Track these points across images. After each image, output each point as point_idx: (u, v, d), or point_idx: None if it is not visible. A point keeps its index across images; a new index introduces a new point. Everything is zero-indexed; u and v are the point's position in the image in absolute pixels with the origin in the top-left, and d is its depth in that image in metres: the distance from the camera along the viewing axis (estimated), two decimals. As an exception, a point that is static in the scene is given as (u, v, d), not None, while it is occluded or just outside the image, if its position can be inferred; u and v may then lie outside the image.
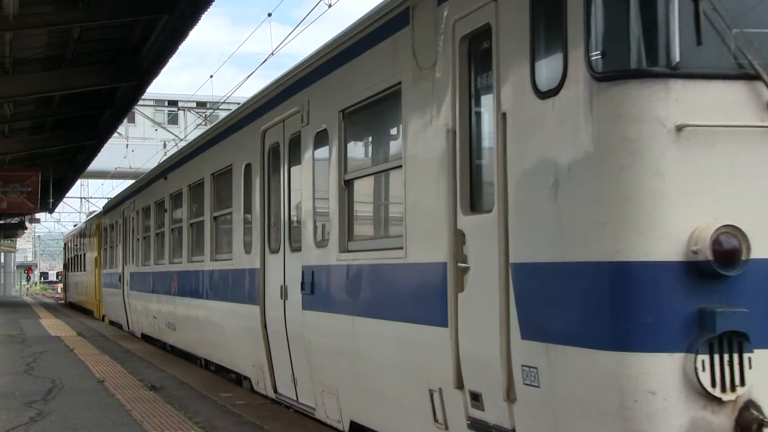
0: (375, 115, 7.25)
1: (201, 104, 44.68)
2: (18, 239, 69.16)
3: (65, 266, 47.15)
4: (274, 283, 9.16)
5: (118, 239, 22.32)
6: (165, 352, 16.59)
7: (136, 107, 25.22)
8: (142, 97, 20.53)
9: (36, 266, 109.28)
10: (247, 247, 10.29)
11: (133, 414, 9.29)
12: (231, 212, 11.15)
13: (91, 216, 36.13)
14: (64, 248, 48.44)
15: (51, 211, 40.18)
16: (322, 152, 7.92)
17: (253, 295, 9.86)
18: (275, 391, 9.48)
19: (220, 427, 8.59)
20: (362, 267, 7.13)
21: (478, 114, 5.55)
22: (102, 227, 26.71)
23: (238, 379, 11.58)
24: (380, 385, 6.92)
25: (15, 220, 45.91)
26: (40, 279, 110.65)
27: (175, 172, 15.02)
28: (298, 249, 8.50)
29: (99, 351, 16.73)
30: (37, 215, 47.88)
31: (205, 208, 12.47)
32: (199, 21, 14.08)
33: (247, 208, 10.38)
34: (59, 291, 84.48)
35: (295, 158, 8.72)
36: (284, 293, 8.84)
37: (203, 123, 37.83)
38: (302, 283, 8.25)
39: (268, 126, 9.49)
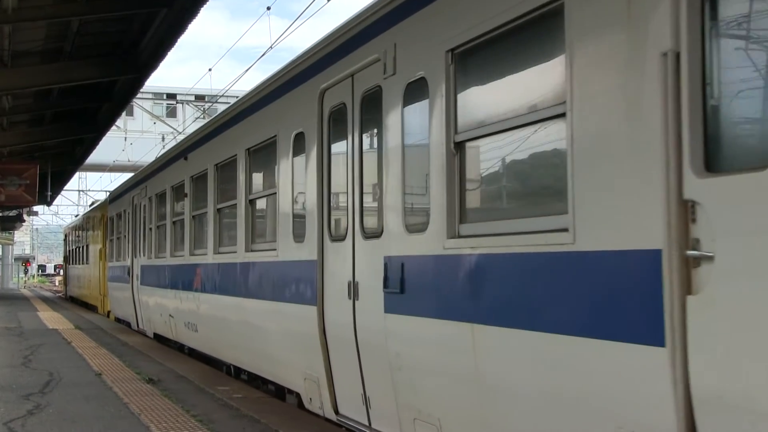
0: (508, 49, 5.35)
1: (199, 97, 44.65)
2: (16, 232, 69.11)
3: (65, 258, 45.05)
4: (338, 279, 7.41)
5: (126, 229, 20.38)
6: (161, 344, 16.58)
7: (134, 100, 25.21)
8: (141, 90, 20.50)
9: (34, 259, 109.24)
10: (298, 235, 8.50)
11: (131, 407, 9.31)
12: (274, 193, 9.34)
13: (94, 205, 34.17)
14: (65, 240, 46.11)
15: (49, 203, 40.17)
16: (418, 109, 6.17)
17: (307, 293, 8.16)
18: (336, 411, 7.76)
19: (217, 420, 8.61)
20: (489, 258, 5.33)
21: (716, 29, 3.86)
22: (107, 217, 24.82)
23: (280, 393, 9.97)
24: (522, 422, 5.04)
25: (13, 213, 45.91)
26: (38, 272, 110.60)
27: (199, 151, 13.14)
28: (376, 235, 6.71)
29: (97, 344, 16.74)
30: (35, 208, 47.91)
31: (239, 191, 10.62)
32: (198, 14, 14.08)
33: (298, 188, 8.58)
34: (57, 284, 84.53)
35: (370, 121, 6.99)
36: (353, 291, 7.09)
37: (202, 116, 37.81)
38: (386, 279, 6.48)
39: (330, 84, 7.70)
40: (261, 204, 10.26)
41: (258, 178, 10.42)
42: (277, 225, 9.14)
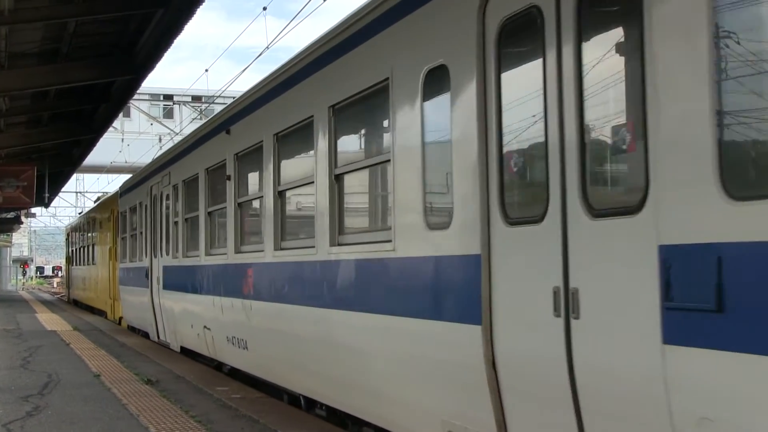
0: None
1: (196, 98, 44.66)
2: (14, 234, 69.03)
3: (68, 259, 41.88)
4: (527, 284, 5.02)
5: (142, 225, 17.70)
6: (160, 347, 16.58)
7: (131, 101, 25.19)
8: (138, 91, 20.48)
9: (32, 261, 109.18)
10: (436, 220, 6.01)
11: (129, 408, 9.31)
12: (384, 161, 6.88)
13: (101, 200, 30.96)
14: (67, 239, 43.48)
15: (47, 205, 40.14)
16: None
17: (455, 304, 5.74)
18: None
19: (216, 420, 8.61)
20: None
21: None
22: (117, 213, 22.41)
23: None
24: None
25: (11, 215, 45.84)
26: (36, 273, 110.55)
27: (248, 121, 10.52)
28: (628, 210, 4.23)
29: (95, 345, 16.73)
30: (33, 210, 47.85)
31: (317, 165, 8.03)
32: (195, 15, 14.06)
33: (433, 151, 6.09)
34: (55, 285, 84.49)
35: (593, 30, 4.60)
36: (567, 305, 4.65)
37: (199, 117, 37.80)
38: (667, 286, 3.98)
39: None
40: (356, 180, 7.83)
41: (349, 144, 8.00)
42: (392, 207, 6.60)
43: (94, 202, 35.75)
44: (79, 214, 42.53)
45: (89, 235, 31.48)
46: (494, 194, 5.31)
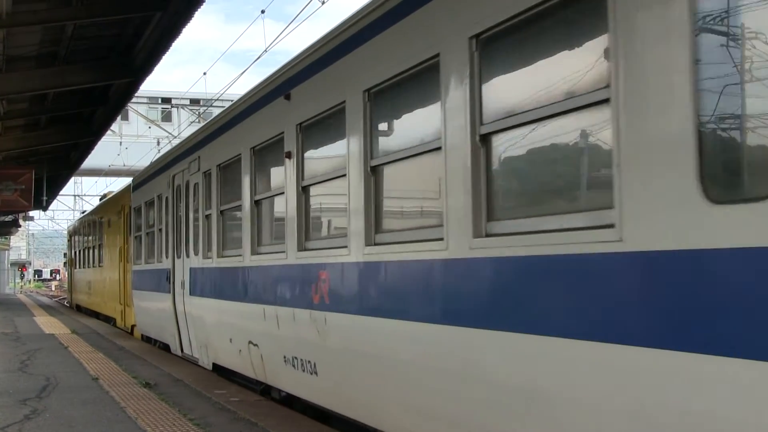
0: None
1: (194, 101, 44.70)
2: (12, 237, 69.02)
3: (70, 261, 38.62)
4: None
5: (162, 221, 15.39)
6: (159, 350, 16.56)
7: (129, 104, 25.20)
8: (136, 94, 20.49)
9: (30, 264, 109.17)
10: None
11: (128, 411, 9.30)
12: (602, 101, 4.40)
13: (108, 197, 27.63)
14: (69, 240, 40.06)
15: (45, 208, 40.15)
16: None
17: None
18: None
19: (214, 423, 8.60)
20: None
21: None
22: (130, 208, 19.97)
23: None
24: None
25: (9, 218, 45.85)
26: (34, 277, 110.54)
27: (321, 78, 7.98)
28: None
29: (93, 348, 16.72)
30: (31, 213, 47.84)
31: (448, 124, 5.69)
32: (193, 18, 14.08)
33: None
34: (53, 288, 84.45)
35: None
36: None
37: (197, 120, 37.81)
38: None
39: None
40: (512, 140, 5.29)
41: (509, 92, 5.35)
42: (618, 173, 4.21)
43: (100, 199, 32.05)
44: (82, 213, 38.79)
45: (95, 234, 28.60)
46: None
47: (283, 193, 8.89)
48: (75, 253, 36.00)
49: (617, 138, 4.20)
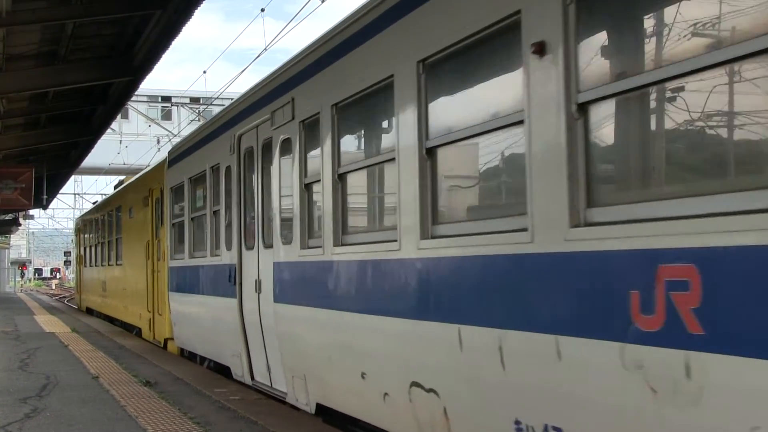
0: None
1: (194, 100, 44.71)
2: (12, 236, 69.04)
3: (79, 259, 33.67)
4: None
5: (220, 199, 11.58)
6: (160, 348, 16.54)
7: (129, 103, 25.18)
8: (136, 92, 20.48)
9: (30, 262, 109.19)
10: None
11: (128, 410, 9.31)
12: None
13: (130, 180, 22.99)
14: (77, 234, 35.10)
15: (45, 207, 40.11)
16: None
17: None
18: None
19: (215, 422, 8.61)
20: None
21: None
22: (163, 190, 15.94)
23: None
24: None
25: (9, 217, 45.85)
26: (35, 275, 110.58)
27: None
28: None
29: (93, 347, 16.72)
30: (31, 212, 47.87)
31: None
32: (193, 16, 14.07)
33: None
34: (53, 287, 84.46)
35: None
36: None
37: (197, 119, 37.83)
38: None
39: None
40: None
41: None
42: None
43: (115, 187, 27.72)
44: (93, 204, 33.55)
45: (111, 227, 24.52)
46: None
47: (522, 123, 4.96)
48: (85, 249, 31.55)
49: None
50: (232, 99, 12.19)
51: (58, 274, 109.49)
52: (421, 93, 6.08)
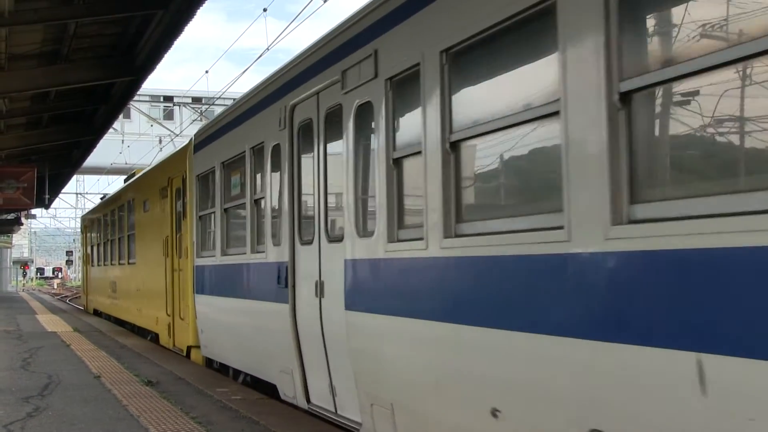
0: None
1: (196, 100, 44.77)
2: (14, 235, 69.10)
3: (86, 257, 31.44)
4: None
5: (263, 185, 9.73)
6: (161, 348, 16.55)
7: (131, 103, 25.20)
8: (138, 92, 20.51)
9: (32, 262, 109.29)
10: None
11: (130, 409, 9.32)
12: None
13: (144, 171, 20.87)
14: (83, 232, 32.91)
15: (47, 207, 40.13)
16: None
17: None
18: None
19: (216, 422, 8.61)
20: None
21: None
22: (186, 178, 14.11)
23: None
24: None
25: (11, 216, 45.88)
26: (36, 275, 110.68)
27: None
28: None
29: (95, 346, 16.74)
30: (33, 211, 47.89)
31: None
32: (195, 16, 14.08)
33: None
34: (55, 287, 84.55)
35: None
36: None
37: (199, 119, 37.86)
38: None
39: None
40: None
41: None
42: None
43: (126, 180, 25.06)
44: (102, 198, 30.91)
45: (122, 223, 22.40)
46: None
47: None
48: (92, 247, 29.35)
49: None
50: (234, 99, 12.02)
51: (60, 273, 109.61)
52: (611, 16, 4.23)
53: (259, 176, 9.95)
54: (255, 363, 10.37)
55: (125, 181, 24.83)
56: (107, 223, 25.30)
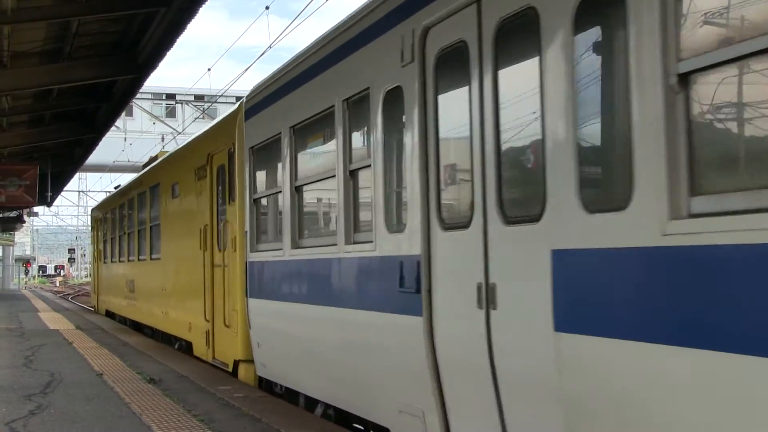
0: None
1: (199, 97, 44.75)
2: (16, 233, 69.20)
3: (98, 253, 28.58)
4: None
5: (369, 148, 7.19)
6: (164, 345, 16.56)
7: (133, 101, 25.20)
8: (140, 90, 20.51)
9: (34, 260, 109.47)
10: None
11: (132, 407, 9.31)
12: None
13: (165, 154, 18.79)
14: (94, 226, 30.13)
15: (49, 204, 40.19)
16: None
17: None
18: None
19: (218, 419, 8.61)
20: None
21: None
22: (234, 153, 11.52)
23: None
24: None
25: (13, 214, 45.96)
26: (39, 273, 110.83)
27: None
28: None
29: (97, 344, 16.74)
30: (35, 209, 47.98)
31: None
32: (197, 14, 14.08)
33: None
34: (57, 284, 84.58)
35: None
36: None
37: (201, 116, 37.87)
38: None
39: None
40: None
41: None
42: None
43: (144, 166, 22.27)
44: (116, 188, 27.28)
45: (142, 213, 19.53)
46: None
47: None
48: (105, 242, 26.49)
49: None
50: (236, 97, 11.52)
51: (62, 271, 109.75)
52: None
53: (357, 138, 7.43)
54: (349, 395, 7.66)
55: (144, 166, 22.05)
56: (124, 214, 22.40)
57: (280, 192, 9.20)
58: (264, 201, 10.24)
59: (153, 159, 20.97)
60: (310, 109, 8.32)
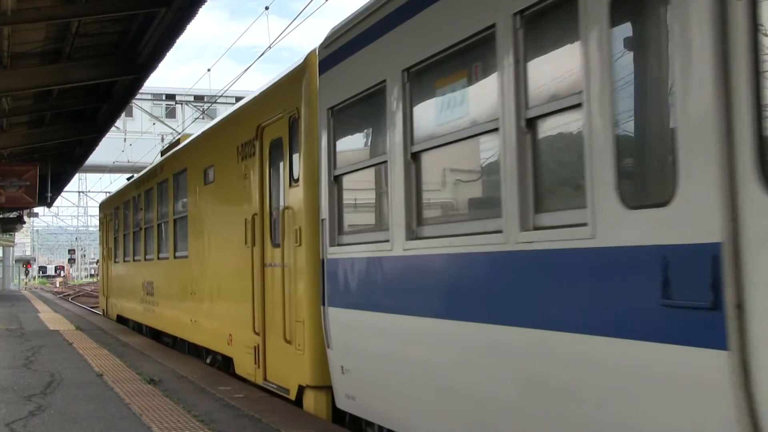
0: None
1: (199, 98, 44.77)
2: (16, 233, 69.20)
3: (107, 251, 25.49)
4: None
5: (588, 78, 4.19)
6: (164, 345, 16.56)
7: (133, 101, 25.22)
8: (140, 90, 20.53)
9: (34, 260, 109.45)
10: None
11: (132, 407, 9.32)
12: None
13: (195, 134, 15.22)
14: (103, 223, 26.98)
15: (49, 205, 40.19)
16: None
17: None
18: None
19: (218, 420, 8.61)
20: None
21: None
22: (299, 121, 8.95)
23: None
24: None
25: (13, 215, 45.96)
26: (39, 273, 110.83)
27: None
28: None
29: (98, 345, 16.74)
30: (36, 209, 47.99)
31: None
32: (197, 14, 14.10)
33: None
34: (57, 285, 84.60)
35: None
36: None
37: (201, 117, 37.88)
38: None
39: None
40: None
41: None
42: None
43: (162, 153, 19.39)
44: (129, 179, 23.16)
45: (166, 202, 16.62)
46: None
47: None
48: (116, 240, 23.48)
49: None
50: (236, 97, 11.37)
51: (62, 272, 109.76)
52: None
53: (542, 67, 4.84)
54: None
55: (162, 153, 19.20)
56: (139, 207, 19.49)
57: (385, 162, 6.67)
58: (352, 178, 7.62)
59: (176, 143, 17.99)
60: (444, 39, 5.70)
